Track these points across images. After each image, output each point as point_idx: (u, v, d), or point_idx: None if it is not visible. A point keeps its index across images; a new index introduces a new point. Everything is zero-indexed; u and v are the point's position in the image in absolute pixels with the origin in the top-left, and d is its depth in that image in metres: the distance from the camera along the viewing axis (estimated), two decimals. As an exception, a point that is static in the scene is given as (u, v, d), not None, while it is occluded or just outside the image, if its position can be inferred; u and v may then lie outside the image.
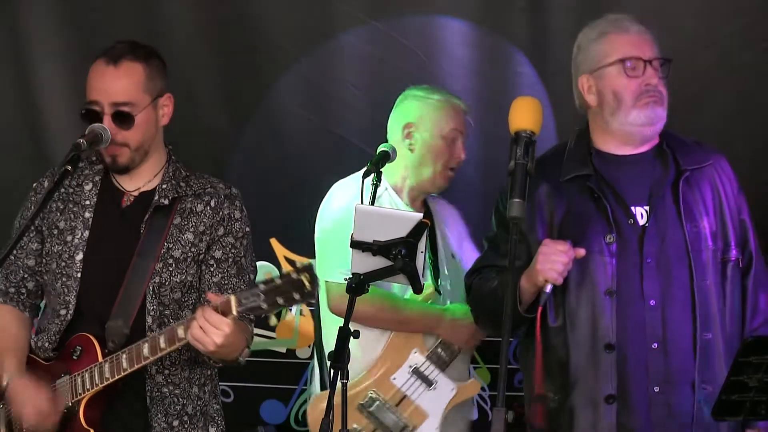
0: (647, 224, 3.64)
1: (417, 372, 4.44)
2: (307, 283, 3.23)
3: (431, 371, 4.47)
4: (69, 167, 3.48)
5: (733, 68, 5.06)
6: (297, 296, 3.25)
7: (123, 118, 3.55)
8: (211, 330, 3.29)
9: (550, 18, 5.18)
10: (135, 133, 3.57)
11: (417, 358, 4.45)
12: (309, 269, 3.25)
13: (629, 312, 3.60)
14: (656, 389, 3.60)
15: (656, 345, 3.60)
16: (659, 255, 3.62)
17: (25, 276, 3.70)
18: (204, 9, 5.43)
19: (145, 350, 3.43)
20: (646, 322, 3.60)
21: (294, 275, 3.25)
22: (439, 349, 4.47)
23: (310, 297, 3.26)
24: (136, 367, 3.44)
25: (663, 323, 3.60)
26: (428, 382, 4.45)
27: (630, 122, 3.66)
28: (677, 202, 3.65)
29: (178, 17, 5.41)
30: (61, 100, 5.33)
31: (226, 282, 3.62)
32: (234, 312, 3.29)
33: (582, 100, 3.76)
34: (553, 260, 3.48)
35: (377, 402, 4.40)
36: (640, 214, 3.66)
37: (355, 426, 4.35)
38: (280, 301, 3.24)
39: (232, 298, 3.29)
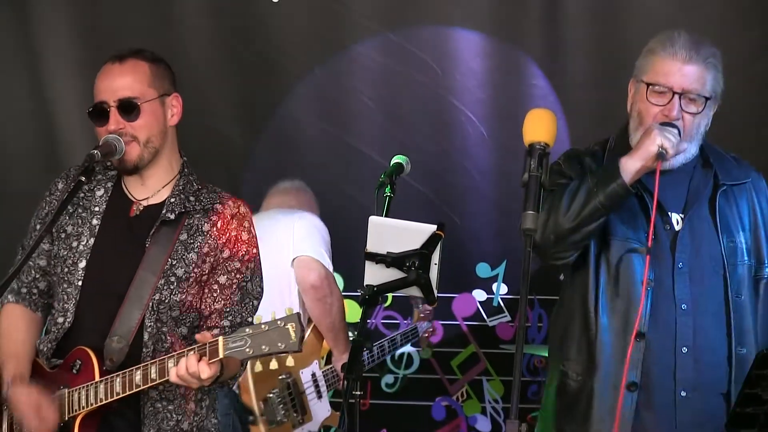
0: (680, 230, 3.65)
1: (314, 378, 4.83)
2: (292, 333, 3.25)
3: (322, 385, 4.85)
4: (83, 178, 3.48)
5: (750, 77, 5.05)
6: (281, 345, 3.26)
7: (128, 108, 3.54)
8: (191, 381, 3.36)
9: (564, 30, 5.18)
10: (142, 123, 3.55)
11: (316, 368, 4.87)
12: (295, 319, 3.26)
13: (660, 311, 3.60)
14: (683, 393, 3.60)
15: (686, 350, 3.60)
16: (692, 262, 3.64)
17: (37, 276, 3.70)
18: (219, 20, 5.44)
19: (137, 378, 3.43)
20: (676, 326, 3.61)
21: (280, 323, 3.26)
22: (331, 372, 4.93)
23: (293, 348, 3.27)
24: (128, 392, 3.45)
25: (694, 330, 3.61)
26: (318, 394, 4.82)
27: None
28: (713, 214, 3.66)
29: (193, 29, 5.43)
30: (75, 111, 5.34)
31: (228, 309, 3.60)
32: (221, 355, 3.32)
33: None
34: (667, 133, 3.51)
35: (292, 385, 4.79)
36: (676, 220, 3.68)
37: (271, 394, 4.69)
38: (265, 348, 3.26)
39: (220, 341, 3.31)
